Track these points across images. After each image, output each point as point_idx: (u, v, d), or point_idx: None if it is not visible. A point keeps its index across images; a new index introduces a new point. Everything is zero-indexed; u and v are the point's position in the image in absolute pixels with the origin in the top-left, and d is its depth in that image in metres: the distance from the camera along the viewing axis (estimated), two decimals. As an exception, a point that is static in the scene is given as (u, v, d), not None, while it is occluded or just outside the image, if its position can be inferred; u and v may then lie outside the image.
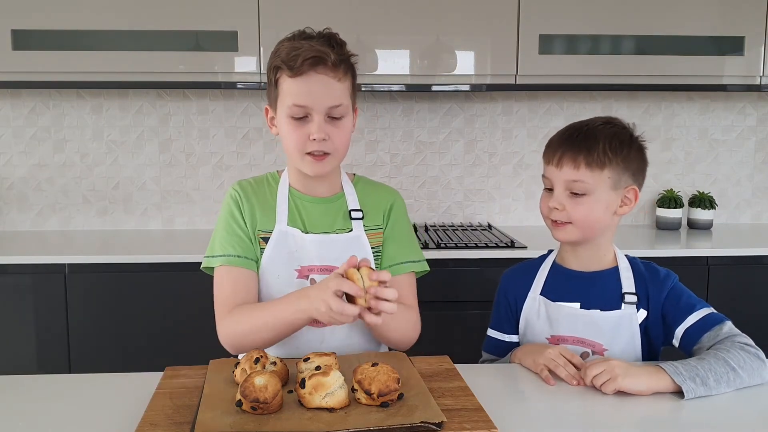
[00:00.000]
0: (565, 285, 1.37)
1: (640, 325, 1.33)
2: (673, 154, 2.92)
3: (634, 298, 1.32)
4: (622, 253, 1.38)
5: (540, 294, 1.38)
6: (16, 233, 2.74)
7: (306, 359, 1.13)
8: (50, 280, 2.30)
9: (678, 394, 1.15)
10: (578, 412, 1.12)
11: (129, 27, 2.38)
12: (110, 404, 1.14)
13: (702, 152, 2.93)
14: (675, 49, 2.51)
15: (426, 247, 2.36)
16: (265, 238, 1.37)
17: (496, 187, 2.90)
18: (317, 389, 1.01)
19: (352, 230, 1.39)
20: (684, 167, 2.94)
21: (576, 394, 1.17)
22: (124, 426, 1.03)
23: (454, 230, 2.69)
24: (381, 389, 1.01)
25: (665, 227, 2.78)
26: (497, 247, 2.37)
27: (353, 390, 1.05)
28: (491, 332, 1.47)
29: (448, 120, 2.86)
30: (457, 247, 2.37)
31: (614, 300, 1.33)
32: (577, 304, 1.34)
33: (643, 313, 1.32)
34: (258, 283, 1.38)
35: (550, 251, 1.46)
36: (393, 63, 2.45)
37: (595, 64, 2.49)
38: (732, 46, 2.51)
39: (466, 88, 2.52)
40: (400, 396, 1.05)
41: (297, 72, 1.28)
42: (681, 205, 2.78)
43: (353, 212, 1.41)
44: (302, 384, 1.02)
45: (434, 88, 2.51)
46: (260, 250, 1.37)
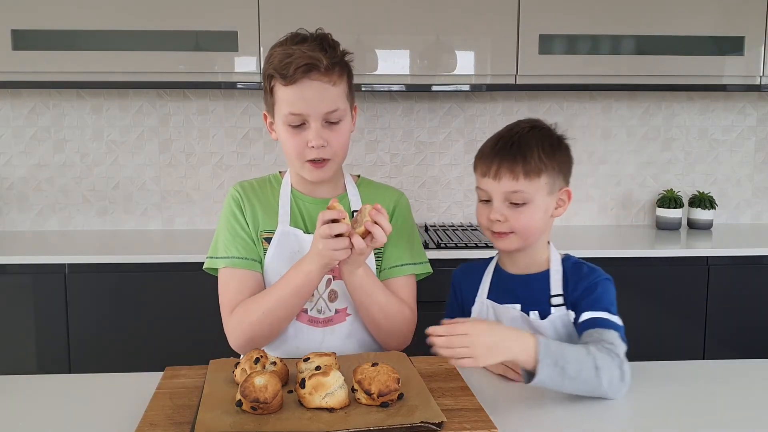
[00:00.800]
0: (506, 288, 1.36)
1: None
2: (673, 154, 2.92)
3: (560, 300, 1.30)
4: (558, 254, 1.35)
5: (487, 298, 1.37)
6: (16, 233, 2.74)
7: (306, 359, 1.13)
8: (50, 280, 2.30)
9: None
10: (578, 412, 1.11)
11: (129, 27, 2.38)
12: (110, 404, 1.14)
13: (702, 152, 2.93)
14: (675, 49, 2.51)
15: (426, 247, 2.34)
16: (268, 239, 1.38)
17: (496, 187, 2.89)
18: (317, 389, 1.01)
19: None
20: (684, 167, 2.94)
21: (576, 394, 1.17)
22: (124, 426, 1.04)
23: (454, 230, 2.68)
24: (381, 389, 1.01)
25: (665, 227, 2.78)
26: (497, 247, 2.37)
27: (353, 390, 1.05)
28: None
29: (448, 120, 2.86)
30: (457, 247, 2.37)
31: (546, 302, 1.32)
32: (518, 306, 1.33)
33: (572, 313, 1.29)
34: (263, 284, 1.38)
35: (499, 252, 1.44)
36: (393, 63, 2.45)
37: (595, 64, 2.50)
38: (732, 46, 2.51)
39: (466, 88, 2.52)
40: (400, 396, 1.05)
41: (290, 80, 1.27)
42: (681, 205, 2.78)
43: (355, 213, 1.40)
44: (302, 384, 1.02)
45: (434, 88, 2.51)
46: (263, 250, 1.38)
